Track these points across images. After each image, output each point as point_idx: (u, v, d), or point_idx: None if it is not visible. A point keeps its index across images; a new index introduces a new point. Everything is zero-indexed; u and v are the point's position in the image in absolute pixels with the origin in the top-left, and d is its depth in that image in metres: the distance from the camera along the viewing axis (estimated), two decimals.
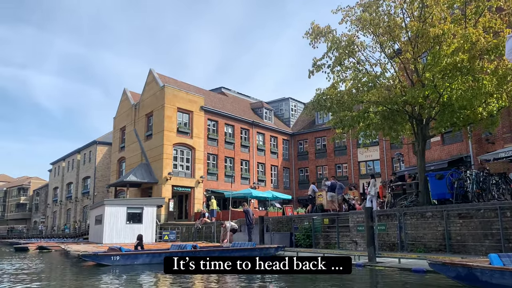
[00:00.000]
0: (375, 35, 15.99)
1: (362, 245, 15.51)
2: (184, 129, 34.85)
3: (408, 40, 15.65)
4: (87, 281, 10.64)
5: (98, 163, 48.24)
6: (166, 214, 32.23)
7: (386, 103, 15.34)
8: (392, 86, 15.83)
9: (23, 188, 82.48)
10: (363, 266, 12.10)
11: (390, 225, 14.92)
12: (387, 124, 16.36)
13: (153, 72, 37.27)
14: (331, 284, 9.69)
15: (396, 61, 16.69)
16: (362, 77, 16.05)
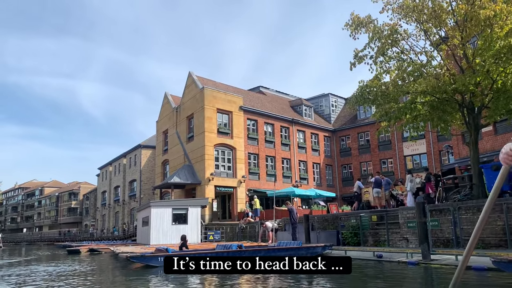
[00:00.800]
0: (419, 22, 15.26)
1: (414, 242, 14.83)
2: (224, 130, 34.98)
3: (455, 25, 14.81)
4: (134, 283, 10.71)
5: (143, 166, 49.41)
6: (210, 214, 32.46)
7: (435, 93, 14.58)
8: (440, 74, 15.02)
9: (73, 193, 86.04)
10: (416, 264, 11.49)
11: (443, 221, 14.16)
12: (436, 114, 15.56)
13: (192, 74, 37.68)
14: (389, 284, 9.23)
15: (442, 48, 15.84)
16: (407, 66, 15.35)
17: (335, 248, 16.58)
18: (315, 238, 19.11)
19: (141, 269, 13.83)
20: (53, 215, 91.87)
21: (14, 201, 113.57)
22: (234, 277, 11.06)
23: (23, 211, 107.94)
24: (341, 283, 9.44)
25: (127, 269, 14.40)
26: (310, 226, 19.38)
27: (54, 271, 14.58)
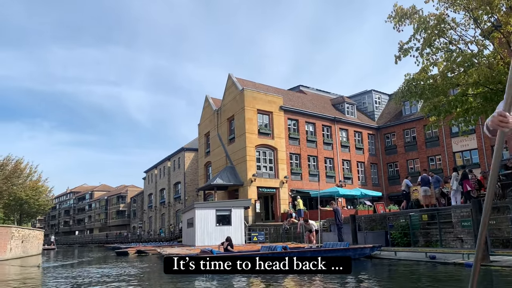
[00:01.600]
0: (468, 10, 14.42)
1: (469, 242, 14.00)
2: (265, 130, 34.83)
3: (509, 10, 13.86)
4: (180, 284, 10.70)
5: (186, 168, 50.19)
6: (253, 215, 32.39)
7: (488, 83, 13.71)
8: (494, 63, 14.11)
9: (121, 196, 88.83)
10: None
11: (501, 219, 13.27)
12: (489, 107, 14.64)
13: (232, 76, 37.82)
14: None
15: (495, 36, 14.89)
16: (457, 57, 14.53)
17: (384, 249, 15.98)
18: (362, 239, 18.53)
19: None
20: (102, 218, 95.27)
21: (66, 205, 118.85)
22: (278, 278, 10.82)
23: (75, 214, 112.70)
24: (403, 286, 9.00)
25: None
26: (356, 227, 18.83)
27: (108, 272, 14.92)
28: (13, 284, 12.38)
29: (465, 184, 16.50)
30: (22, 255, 29.73)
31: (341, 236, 18.61)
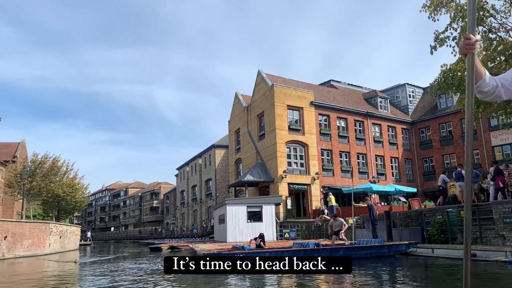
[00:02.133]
0: None
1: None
2: (295, 126, 34.50)
3: None
4: (215, 281, 10.66)
5: (217, 165, 50.50)
6: (284, 212, 32.19)
7: None
8: None
9: (155, 192, 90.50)
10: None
11: None
12: None
13: (262, 73, 37.66)
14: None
15: None
16: (497, 45, 13.83)
17: (420, 246, 15.47)
18: (398, 235, 18.02)
19: None
20: (137, 214, 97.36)
21: (102, 201, 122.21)
22: (313, 278, 10.61)
23: (110, 211, 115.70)
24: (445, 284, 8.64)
25: None
26: (391, 223, 18.34)
27: (146, 268, 15.12)
28: (53, 279, 12.68)
29: (497, 180, 15.76)
30: (60, 250, 30.67)
31: (376, 233, 18.16)
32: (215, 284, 9.86)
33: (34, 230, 26.51)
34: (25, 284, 11.31)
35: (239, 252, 14.24)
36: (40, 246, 26.97)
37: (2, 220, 25.87)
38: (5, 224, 23.73)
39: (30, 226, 26.41)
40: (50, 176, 36.84)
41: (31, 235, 25.92)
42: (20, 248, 24.47)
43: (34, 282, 11.55)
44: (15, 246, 24.02)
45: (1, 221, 24.29)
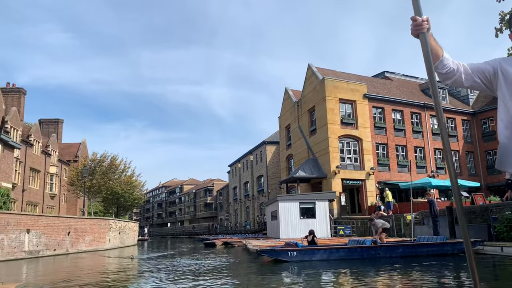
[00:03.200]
0: None
1: None
2: (348, 120, 33.56)
3: None
4: (269, 278, 10.42)
5: (268, 162, 50.38)
6: (338, 208, 31.43)
7: None
8: None
9: (208, 189, 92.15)
10: None
11: None
12: None
13: (312, 66, 36.97)
14: None
15: None
16: None
17: (487, 243, 14.38)
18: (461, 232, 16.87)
19: (272, 263, 13.62)
20: (192, 211, 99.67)
21: (158, 198, 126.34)
22: (368, 274, 10.10)
23: (167, 207, 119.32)
24: None
25: (258, 263, 14.34)
26: (453, 220, 17.24)
27: (201, 264, 15.22)
28: (115, 275, 12.98)
29: None
30: (119, 246, 31.86)
31: (437, 230, 17.15)
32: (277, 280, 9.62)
33: (94, 226, 27.67)
34: (91, 278, 11.64)
35: (292, 248, 13.92)
36: (100, 241, 28.12)
37: (65, 216, 27.23)
38: (68, 220, 24.92)
39: (91, 222, 27.60)
40: (109, 174, 38.38)
41: (92, 231, 27.07)
42: (82, 244, 25.62)
43: (98, 277, 11.86)
44: (78, 241, 25.17)
45: (65, 218, 25.55)
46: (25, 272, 14.61)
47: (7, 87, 38.92)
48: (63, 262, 18.39)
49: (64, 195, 45.78)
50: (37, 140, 39.39)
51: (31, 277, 13.16)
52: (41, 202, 39.51)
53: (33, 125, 40.35)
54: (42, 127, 47.87)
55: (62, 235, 23.33)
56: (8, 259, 18.28)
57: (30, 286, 6.78)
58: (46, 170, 41.36)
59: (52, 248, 22.21)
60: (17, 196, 33.48)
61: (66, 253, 23.35)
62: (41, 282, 10.95)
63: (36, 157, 38.88)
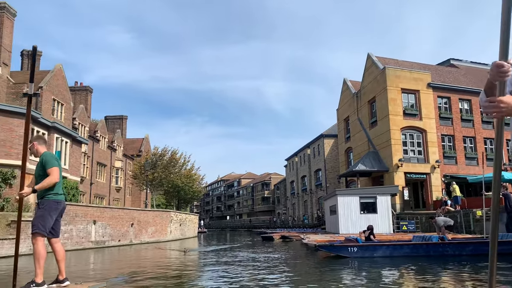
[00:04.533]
0: None
1: None
2: (411, 111, 32.00)
3: None
4: (329, 274, 10.02)
5: (326, 155, 49.47)
6: (401, 203, 30.12)
7: None
8: None
9: (265, 183, 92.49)
10: None
11: None
12: None
13: (372, 56, 35.62)
14: None
15: None
16: None
17: None
18: None
19: (331, 259, 13.18)
20: (249, 204, 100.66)
21: (217, 192, 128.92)
22: (435, 273, 9.39)
23: (226, 201, 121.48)
24: None
25: (316, 258, 13.95)
26: None
27: (257, 257, 15.14)
28: (173, 271, 13.14)
29: None
30: (180, 237, 32.69)
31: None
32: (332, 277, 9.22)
33: (156, 218, 28.55)
34: (157, 270, 11.86)
35: (353, 244, 13.38)
36: (162, 233, 28.98)
37: (129, 208, 28.34)
38: (131, 212, 25.89)
39: (153, 214, 28.51)
40: (170, 167, 39.54)
41: (154, 222, 27.96)
42: (145, 235, 26.53)
43: (163, 270, 12.05)
44: (141, 232, 26.09)
45: (128, 210, 26.58)
46: (92, 262, 15.25)
47: (75, 86, 41.21)
48: (128, 252, 19.07)
49: (129, 188, 47.88)
50: (103, 135, 41.37)
51: (99, 268, 13.68)
52: (108, 195, 41.55)
53: (99, 122, 42.44)
54: (107, 123, 50.32)
55: (126, 227, 24.28)
56: (76, 249, 19.28)
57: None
58: (112, 164, 43.41)
59: (117, 239, 23.18)
60: (85, 189, 35.38)
61: (130, 244, 24.27)
62: (109, 274, 11.31)
63: (102, 152, 40.87)
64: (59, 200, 5.27)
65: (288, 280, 8.88)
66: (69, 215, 19.20)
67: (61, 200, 5.30)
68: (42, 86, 26.89)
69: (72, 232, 19.39)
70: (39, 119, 22.67)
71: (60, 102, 29.20)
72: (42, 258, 4.93)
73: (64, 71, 30.23)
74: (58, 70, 29.39)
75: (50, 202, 5.14)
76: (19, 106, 22.93)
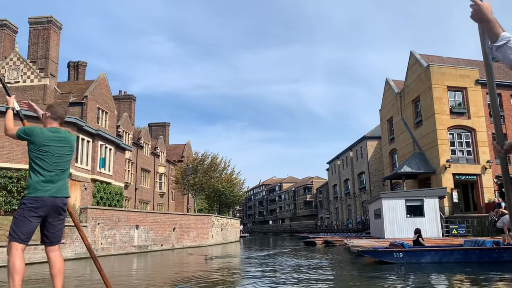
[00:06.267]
0: None
1: None
2: (458, 109, 30.52)
3: None
4: (373, 281, 9.52)
5: (370, 158, 48.19)
6: (450, 206, 28.68)
7: None
8: None
9: (307, 187, 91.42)
10: None
11: None
12: None
13: (415, 53, 34.35)
14: None
15: None
16: None
17: None
18: None
19: (375, 265, 12.59)
20: (292, 208, 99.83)
21: (259, 196, 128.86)
22: (491, 280, 8.67)
23: (267, 205, 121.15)
24: None
25: (360, 264, 13.39)
26: None
27: (300, 264, 14.80)
28: (215, 274, 13.02)
29: None
30: (222, 242, 32.73)
31: None
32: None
33: (198, 223, 28.72)
34: (200, 276, 11.81)
35: (399, 249, 12.72)
36: (204, 237, 29.11)
37: (170, 213, 28.67)
38: (173, 217, 26.17)
39: (194, 218, 28.70)
40: (210, 172, 39.80)
41: (195, 227, 28.13)
42: (187, 239, 26.72)
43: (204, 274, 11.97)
44: (183, 237, 26.29)
45: (170, 214, 26.88)
46: (135, 266, 15.41)
47: (119, 94, 42.46)
48: (170, 257, 19.20)
49: (172, 193, 48.66)
50: (147, 142, 42.31)
51: (141, 272, 13.79)
52: (152, 200, 42.38)
53: (143, 129, 43.47)
54: (151, 130, 51.47)
55: (168, 231, 24.54)
56: (120, 253, 19.62)
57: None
58: (156, 170, 44.29)
59: (159, 243, 23.45)
60: (130, 195, 36.23)
61: (172, 248, 24.50)
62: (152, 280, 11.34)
63: (146, 158, 41.79)
64: (39, 196, 3.68)
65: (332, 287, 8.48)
66: (112, 220, 19.60)
67: (41, 196, 3.69)
68: (87, 95, 27.80)
69: (116, 237, 19.77)
70: (84, 127, 23.40)
71: (104, 110, 30.08)
72: (17, 273, 3.54)
73: (107, 80, 31.16)
74: (102, 80, 30.32)
75: (26, 200, 3.69)
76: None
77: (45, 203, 3.69)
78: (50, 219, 3.79)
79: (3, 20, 29.47)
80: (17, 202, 19.40)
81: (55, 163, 3.80)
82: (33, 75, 27.57)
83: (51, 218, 3.79)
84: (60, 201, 3.79)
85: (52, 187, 3.74)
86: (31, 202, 3.66)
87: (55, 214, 3.80)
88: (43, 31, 28.13)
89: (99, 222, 18.63)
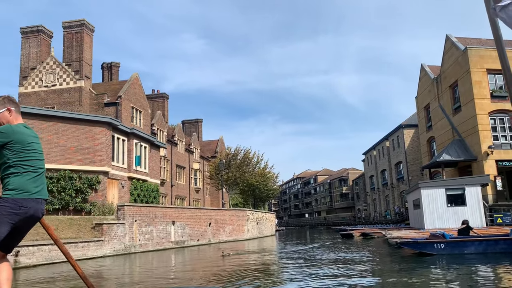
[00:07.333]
0: None
1: None
2: (499, 93, 29.08)
3: None
4: (415, 272, 9.17)
5: (407, 147, 46.95)
6: (493, 194, 27.48)
7: None
8: None
9: (343, 179, 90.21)
10: None
11: None
12: None
13: (451, 37, 32.99)
14: None
15: None
16: None
17: None
18: None
19: (415, 256, 12.16)
20: (328, 201, 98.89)
21: (294, 189, 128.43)
22: None
23: (303, 198, 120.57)
24: None
25: (399, 256, 12.98)
26: None
27: (338, 256, 14.57)
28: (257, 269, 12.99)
29: None
30: (258, 236, 32.75)
31: None
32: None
33: (233, 217, 28.83)
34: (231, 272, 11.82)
35: (439, 240, 12.23)
36: (239, 232, 29.21)
37: (206, 208, 28.93)
38: (208, 212, 26.37)
39: (229, 213, 28.82)
40: (243, 166, 39.90)
41: (231, 221, 28.25)
42: (222, 234, 26.88)
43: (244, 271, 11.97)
44: (219, 232, 26.47)
45: (205, 209, 27.11)
46: (173, 261, 15.58)
47: (152, 93, 43.16)
48: (207, 253, 19.35)
49: (208, 188, 49.18)
50: (181, 139, 42.86)
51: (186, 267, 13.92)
52: (188, 196, 42.96)
53: (176, 126, 44.05)
54: (184, 127, 52.14)
55: (204, 226, 24.76)
56: (157, 249, 19.96)
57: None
58: (190, 166, 44.84)
59: (195, 238, 23.70)
60: (166, 191, 36.83)
61: (209, 243, 24.71)
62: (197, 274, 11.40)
63: (180, 154, 42.36)
64: (23, 199, 3.08)
65: (373, 281, 8.21)
66: (148, 216, 19.93)
67: (26, 198, 3.10)
68: (121, 95, 28.38)
69: (153, 233, 20.10)
70: (119, 126, 23.87)
71: (138, 109, 30.62)
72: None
73: (140, 80, 31.70)
74: (135, 79, 30.86)
75: (6, 202, 3.03)
76: (101, 115, 24.34)
77: (28, 209, 3.10)
78: (25, 228, 3.24)
79: (39, 26, 30.49)
80: (58, 202, 20.08)
81: (41, 161, 3.32)
82: (68, 77, 28.41)
83: (28, 226, 3.25)
84: (43, 207, 3.25)
85: (41, 188, 3.24)
86: (13, 205, 3.04)
87: (33, 223, 3.25)
88: (77, 34, 28.92)
89: (136, 219, 18.98)
